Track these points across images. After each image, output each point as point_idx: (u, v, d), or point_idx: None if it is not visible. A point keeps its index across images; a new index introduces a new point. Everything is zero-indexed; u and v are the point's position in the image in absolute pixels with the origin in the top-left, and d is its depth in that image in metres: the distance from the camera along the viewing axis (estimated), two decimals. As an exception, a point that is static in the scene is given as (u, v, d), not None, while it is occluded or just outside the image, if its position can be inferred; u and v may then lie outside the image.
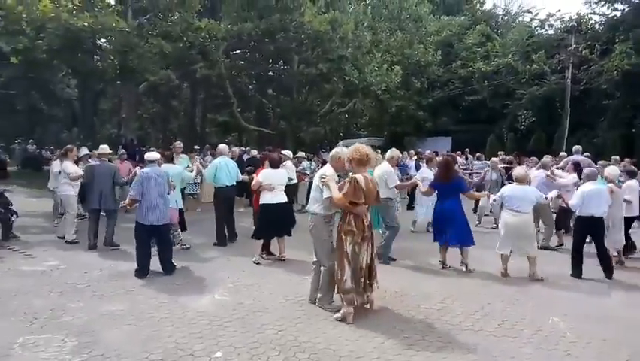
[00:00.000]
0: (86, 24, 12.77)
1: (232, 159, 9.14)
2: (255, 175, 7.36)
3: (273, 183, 6.87)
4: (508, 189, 6.57)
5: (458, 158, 15.25)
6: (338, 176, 5.05)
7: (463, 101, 27.51)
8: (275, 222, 6.92)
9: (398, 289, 5.65)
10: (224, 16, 16.94)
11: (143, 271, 6.01)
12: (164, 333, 4.29)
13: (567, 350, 4.16)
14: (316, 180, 4.95)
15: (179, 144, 10.09)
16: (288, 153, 10.70)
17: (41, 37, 12.72)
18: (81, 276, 5.95)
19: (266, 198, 6.88)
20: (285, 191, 7.15)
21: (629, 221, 7.47)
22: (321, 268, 4.97)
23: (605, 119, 22.19)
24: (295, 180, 10.13)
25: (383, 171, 7.03)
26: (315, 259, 5.12)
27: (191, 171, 8.33)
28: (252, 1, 16.87)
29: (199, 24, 15.43)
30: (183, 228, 7.71)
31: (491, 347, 4.17)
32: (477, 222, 10.06)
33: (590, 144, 19.92)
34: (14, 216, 7.91)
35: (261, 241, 7.09)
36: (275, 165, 7.20)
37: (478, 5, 36.24)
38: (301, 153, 13.32)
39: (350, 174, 4.78)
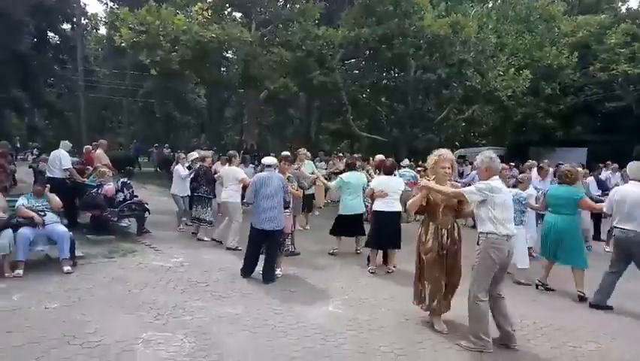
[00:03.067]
0: (214, 35, 13.62)
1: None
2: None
3: (387, 190, 6.63)
4: None
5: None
6: None
7: (602, 108, 24.45)
8: (385, 232, 6.63)
9: (538, 321, 4.88)
10: (342, 24, 17.00)
11: (247, 271, 6.06)
12: (278, 344, 4.11)
13: None
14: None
15: (303, 151, 10.12)
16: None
17: (175, 50, 13.83)
18: (202, 274, 6.11)
19: (377, 205, 6.69)
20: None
21: None
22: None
23: None
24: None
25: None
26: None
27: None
28: (371, 8, 16.68)
29: (317, 32, 15.64)
30: None
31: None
32: None
33: None
34: (147, 213, 8.50)
35: (376, 250, 6.80)
36: (388, 171, 6.91)
37: (620, 3, 32.22)
38: (406, 161, 12.63)
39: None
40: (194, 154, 9.27)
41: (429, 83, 19.04)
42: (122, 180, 8.54)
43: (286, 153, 9.09)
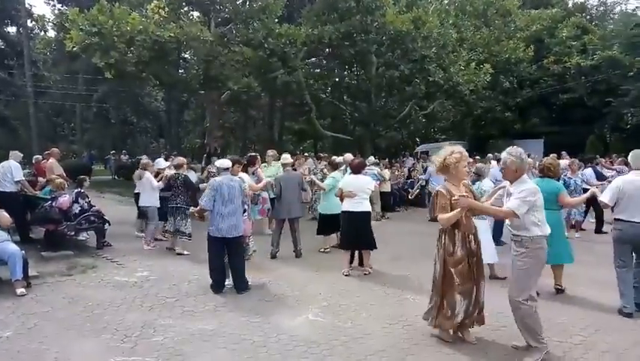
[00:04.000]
0: (172, 35, 13.09)
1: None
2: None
3: (355, 190, 6.47)
4: None
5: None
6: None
7: (556, 100, 25.33)
8: (355, 232, 6.48)
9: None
10: (304, 21, 16.76)
11: (217, 286, 5.64)
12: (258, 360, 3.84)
13: None
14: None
15: (271, 152, 9.80)
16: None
17: (131, 51, 13.20)
18: (170, 289, 5.73)
19: (345, 205, 6.55)
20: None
21: None
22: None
23: None
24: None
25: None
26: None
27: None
28: (333, 4, 16.51)
29: (280, 30, 15.34)
30: None
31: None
32: None
33: None
34: (107, 224, 8.00)
35: (348, 252, 6.65)
36: (356, 170, 6.72)
37: (568, -3, 33.59)
38: (371, 158, 12.59)
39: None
40: (161, 162, 8.82)
41: (391, 79, 19.06)
42: (75, 190, 7.97)
43: (253, 154, 8.83)
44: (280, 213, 7.57)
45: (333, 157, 9.22)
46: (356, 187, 6.52)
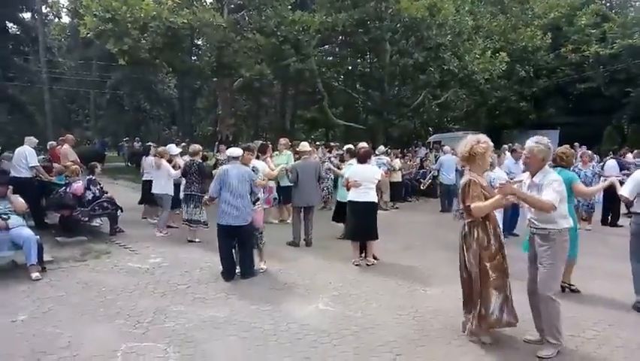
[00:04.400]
0: (185, 21, 13.05)
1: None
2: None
3: (360, 179, 6.42)
4: None
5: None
6: None
7: (573, 89, 24.84)
8: (360, 222, 6.48)
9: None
10: (317, 8, 16.58)
11: (227, 274, 5.67)
12: (269, 350, 3.85)
13: None
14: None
15: (283, 141, 9.76)
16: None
17: (144, 37, 13.20)
18: (182, 276, 5.78)
19: (351, 195, 6.52)
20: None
21: None
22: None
23: None
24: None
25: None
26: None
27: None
28: (347, -10, 16.33)
29: (293, 17, 15.20)
30: None
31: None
32: None
33: None
34: (120, 210, 8.07)
35: (357, 242, 6.63)
36: (362, 160, 6.67)
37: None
38: (381, 147, 12.54)
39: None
40: (173, 148, 8.84)
41: (405, 68, 18.85)
42: (87, 177, 8.04)
43: (259, 142, 8.84)
44: (298, 201, 7.56)
45: (350, 145, 9.18)
46: (362, 177, 6.48)
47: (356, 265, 6.42)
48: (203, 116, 37.54)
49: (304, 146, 8.21)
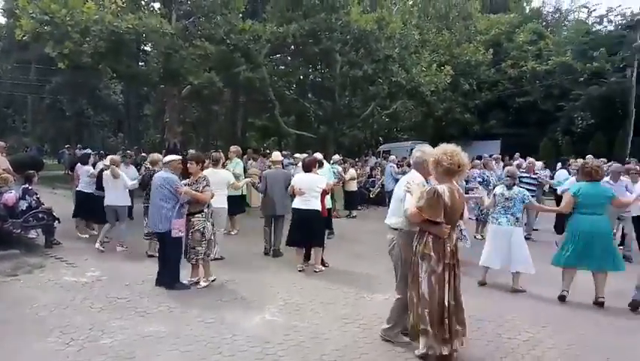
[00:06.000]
0: (130, 26, 12.65)
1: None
2: None
3: (303, 188, 6.57)
4: None
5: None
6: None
7: (513, 102, 26.13)
8: (301, 230, 6.58)
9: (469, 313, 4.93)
10: (268, 18, 16.61)
11: (156, 282, 5.74)
12: (212, 363, 3.77)
13: None
14: (400, 188, 4.10)
15: (234, 148, 9.63)
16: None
17: (86, 41, 12.68)
18: (123, 289, 5.55)
19: (295, 203, 6.68)
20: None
21: None
22: (396, 295, 4.17)
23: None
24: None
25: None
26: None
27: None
28: (298, 1, 16.44)
29: (243, 25, 15.12)
30: None
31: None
32: None
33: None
34: (57, 222, 7.67)
35: (302, 249, 6.77)
36: (307, 169, 6.81)
37: (525, 3, 34.78)
38: (335, 157, 12.67)
39: (431, 182, 3.95)
40: (115, 157, 8.32)
41: (355, 79, 19.20)
42: (22, 186, 7.58)
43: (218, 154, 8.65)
44: (267, 210, 7.56)
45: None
46: (306, 186, 6.59)
47: (299, 270, 6.53)
48: (151, 123, 36.45)
49: (277, 156, 8.26)
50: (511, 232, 5.79)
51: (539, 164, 11.02)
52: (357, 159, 19.15)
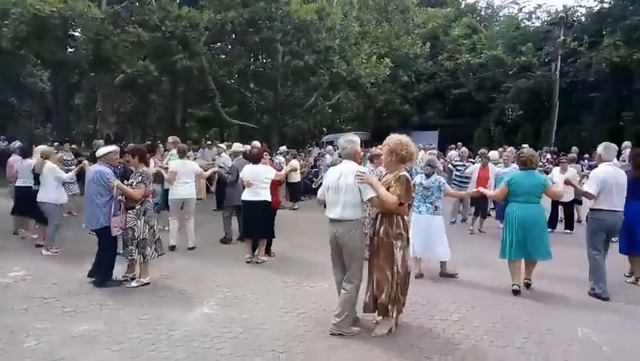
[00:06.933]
0: (54, 9, 11.82)
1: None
2: None
3: (250, 179, 6.57)
4: None
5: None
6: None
7: (449, 94, 27.21)
8: (251, 221, 6.63)
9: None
10: (206, 5, 16.08)
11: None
12: (145, 359, 3.66)
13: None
14: (346, 180, 4.06)
15: (172, 139, 9.29)
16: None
17: (6, 25, 11.74)
18: (50, 288, 5.26)
19: (244, 195, 6.67)
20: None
21: None
22: (349, 285, 4.16)
23: (593, 113, 22.10)
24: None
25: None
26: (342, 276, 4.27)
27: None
28: (236, -12, 16.05)
29: (179, 12, 14.58)
30: None
31: (525, 367, 3.67)
32: None
33: (576, 138, 19.81)
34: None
35: (250, 240, 6.73)
36: (255, 160, 6.81)
37: (461, -2, 36.13)
38: (282, 148, 12.73)
39: (381, 169, 4.34)
40: (46, 149, 7.67)
41: (297, 69, 19.12)
42: None
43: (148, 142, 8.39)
44: (232, 200, 7.44)
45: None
46: (254, 177, 6.57)
47: (247, 262, 6.52)
48: (83, 114, 34.44)
49: (238, 147, 8.31)
50: (430, 220, 5.94)
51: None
52: (300, 150, 19.17)
